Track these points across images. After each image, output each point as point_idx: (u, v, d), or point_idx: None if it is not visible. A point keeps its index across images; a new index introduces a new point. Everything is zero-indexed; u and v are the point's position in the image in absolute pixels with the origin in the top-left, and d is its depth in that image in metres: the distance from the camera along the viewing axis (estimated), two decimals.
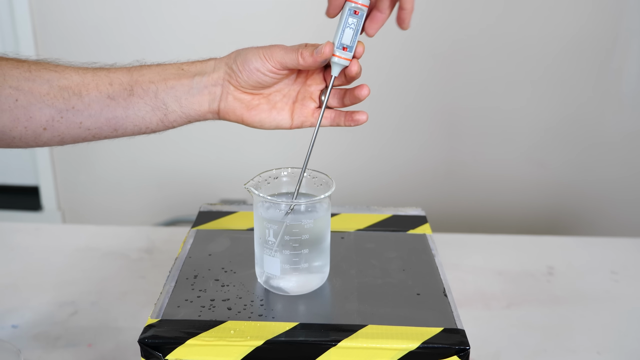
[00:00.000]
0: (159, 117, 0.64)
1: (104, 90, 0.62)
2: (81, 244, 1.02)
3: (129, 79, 0.63)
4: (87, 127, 0.62)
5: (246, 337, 0.53)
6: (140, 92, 0.63)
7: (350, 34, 0.60)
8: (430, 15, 1.78)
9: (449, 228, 1.61)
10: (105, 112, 0.62)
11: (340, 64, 0.61)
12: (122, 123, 0.63)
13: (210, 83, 0.63)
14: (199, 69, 0.64)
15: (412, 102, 1.90)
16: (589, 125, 1.92)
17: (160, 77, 0.63)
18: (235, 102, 0.64)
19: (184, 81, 0.63)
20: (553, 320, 0.85)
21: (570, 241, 1.09)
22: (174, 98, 0.63)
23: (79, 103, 0.61)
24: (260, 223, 0.59)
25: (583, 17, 1.80)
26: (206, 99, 0.64)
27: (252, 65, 0.62)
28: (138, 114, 0.63)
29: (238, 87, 0.63)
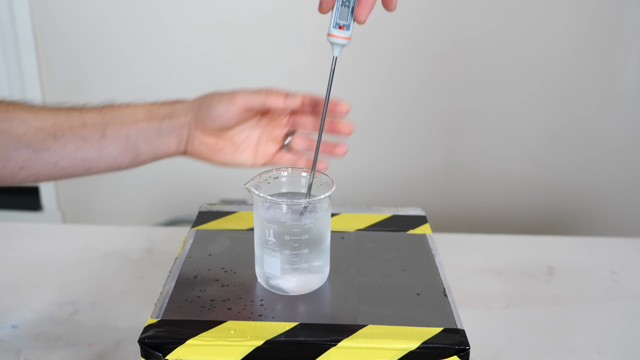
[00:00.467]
0: (130, 157, 0.67)
1: (77, 132, 0.64)
2: (81, 244, 1.02)
3: (101, 120, 0.65)
4: (62, 167, 0.65)
5: (246, 337, 0.53)
6: (113, 134, 0.65)
7: (346, 12, 0.59)
8: (430, 16, 1.78)
9: (449, 228, 1.61)
10: (79, 153, 0.65)
11: (339, 44, 0.60)
12: (95, 163, 0.66)
13: (178, 126, 0.66)
14: (168, 112, 0.66)
15: (412, 103, 1.90)
16: (589, 126, 1.92)
17: (131, 119, 0.66)
18: (201, 146, 0.67)
19: (153, 124, 0.66)
20: (553, 320, 0.85)
21: (570, 241, 1.09)
22: (145, 140, 0.66)
23: (54, 144, 0.64)
24: (260, 223, 0.59)
25: (583, 17, 1.80)
26: (174, 141, 0.67)
27: (216, 112, 0.64)
28: (111, 155, 0.66)
29: (204, 131, 0.66)
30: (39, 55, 1.91)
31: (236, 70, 1.88)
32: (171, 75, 1.90)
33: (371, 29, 1.94)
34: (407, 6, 1.89)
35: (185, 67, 1.90)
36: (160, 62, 1.90)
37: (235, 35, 1.85)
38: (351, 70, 1.80)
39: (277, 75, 1.88)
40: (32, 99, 2.14)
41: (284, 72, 1.88)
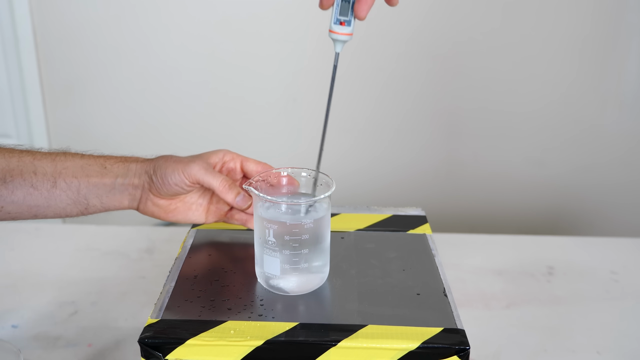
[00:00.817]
0: (79, 209, 0.66)
1: (27, 179, 0.64)
2: (81, 244, 1.02)
3: (53, 169, 0.65)
4: (8, 211, 0.65)
5: (246, 337, 0.53)
6: (63, 186, 0.65)
7: (347, 8, 0.58)
8: (431, 17, 1.78)
9: (449, 228, 1.61)
10: (27, 200, 0.64)
11: (341, 40, 0.59)
12: (43, 211, 0.65)
13: (131, 186, 0.66)
14: (122, 170, 0.66)
15: (412, 103, 1.90)
16: (589, 126, 1.92)
17: (83, 173, 0.65)
18: (154, 207, 0.67)
19: (106, 180, 0.65)
20: (553, 320, 0.85)
21: (570, 241, 1.09)
22: (96, 195, 0.65)
23: (3, 189, 0.63)
24: (260, 223, 0.59)
25: (583, 17, 1.80)
26: (127, 199, 0.66)
27: (170, 180, 0.64)
28: (59, 205, 0.65)
29: (157, 195, 0.65)
30: (39, 55, 1.91)
31: (236, 70, 1.88)
32: (171, 76, 1.91)
33: (372, 29, 1.94)
34: (408, 7, 1.90)
35: (185, 67, 1.90)
36: (160, 62, 1.90)
37: (235, 35, 1.85)
38: (352, 70, 1.80)
39: (278, 75, 1.88)
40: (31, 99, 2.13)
41: (284, 73, 1.88)
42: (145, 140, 2.01)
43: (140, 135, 2.01)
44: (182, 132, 1.98)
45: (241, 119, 1.94)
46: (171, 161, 0.65)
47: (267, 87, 1.89)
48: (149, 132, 2.00)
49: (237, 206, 0.64)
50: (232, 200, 0.64)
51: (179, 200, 0.67)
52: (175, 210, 0.68)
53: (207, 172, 0.64)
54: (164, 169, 0.64)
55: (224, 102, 1.90)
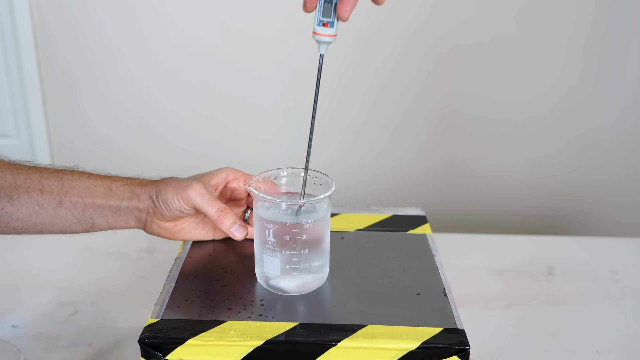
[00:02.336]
0: (85, 227, 0.67)
1: (34, 196, 0.64)
2: (81, 244, 1.02)
3: (59, 188, 0.65)
4: (14, 227, 0.65)
5: (246, 337, 0.53)
6: (69, 205, 0.65)
7: (330, 9, 0.57)
8: (431, 17, 1.78)
9: (449, 228, 1.61)
10: (33, 218, 0.64)
11: (325, 42, 0.59)
12: (48, 228, 0.66)
13: (136, 209, 0.66)
14: (127, 194, 0.66)
15: (412, 103, 1.90)
16: (589, 126, 1.92)
17: (89, 194, 0.65)
18: (160, 230, 0.67)
19: (111, 202, 0.65)
20: (553, 320, 0.85)
21: (570, 241, 1.09)
22: (101, 216, 0.66)
23: (9, 205, 0.63)
24: (260, 223, 0.59)
25: (583, 18, 1.80)
26: (132, 220, 0.67)
27: (171, 206, 0.64)
28: (65, 223, 0.66)
29: (161, 219, 0.65)
30: (39, 55, 1.91)
31: (236, 71, 1.88)
32: (171, 76, 1.90)
33: (372, 30, 1.94)
34: (408, 7, 1.90)
35: (184, 67, 1.90)
36: (160, 62, 1.90)
37: (235, 35, 1.85)
38: (352, 70, 1.80)
39: (277, 76, 1.88)
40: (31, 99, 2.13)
41: (284, 73, 1.88)
42: (144, 140, 2.01)
43: (140, 135, 2.01)
44: (181, 133, 1.98)
45: (241, 120, 1.94)
46: (171, 186, 0.64)
47: (267, 88, 1.89)
48: (149, 132, 2.00)
49: (232, 236, 0.64)
50: (226, 230, 0.63)
51: (184, 221, 0.67)
52: (181, 231, 0.68)
53: (203, 198, 0.63)
54: (164, 195, 0.64)
55: (224, 102, 1.90)
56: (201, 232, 0.68)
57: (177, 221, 0.67)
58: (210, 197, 0.63)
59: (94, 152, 2.04)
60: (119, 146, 2.03)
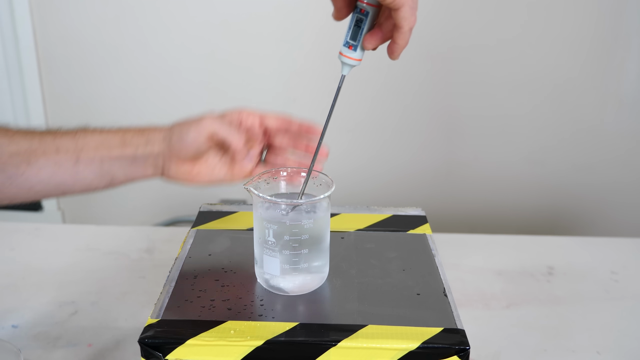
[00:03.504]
0: (105, 182, 0.67)
1: (51, 157, 0.65)
2: (81, 244, 1.02)
3: (74, 146, 0.65)
4: (37, 190, 0.65)
5: (246, 337, 0.53)
6: (86, 161, 0.65)
7: (357, 32, 0.59)
8: (431, 17, 1.78)
9: (449, 228, 1.61)
10: (53, 178, 0.65)
11: (348, 64, 0.61)
12: (70, 188, 0.66)
13: (152, 155, 0.66)
14: (142, 141, 0.66)
15: (412, 102, 1.90)
16: (589, 126, 1.92)
17: (105, 147, 0.66)
18: (177, 174, 0.67)
19: (127, 152, 0.66)
20: (553, 320, 0.85)
21: (570, 241, 1.09)
22: (119, 168, 0.66)
23: (29, 170, 0.64)
24: (260, 223, 0.59)
25: (583, 18, 1.80)
26: (150, 169, 0.67)
27: (187, 140, 0.64)
28: (85, 180, 0.66)
29: (178, 159, 0.65)
30: (39, 56, 1.91)
31: (236, 70, 1.88)
32: (171, 75, 1.90)
33: None
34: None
35: (184, 67, 1.89)
36: (161, 62, 1.90)
37: (235, 35, 1.85)
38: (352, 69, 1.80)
39: (277, 75, 1.88)
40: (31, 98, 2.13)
41: (283, 73, 1.88)
42: None
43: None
44: None
45: None
46: (185, 122, 0.65)
47: (267, 87, 1.89)
48: None
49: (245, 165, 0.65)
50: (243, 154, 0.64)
51: (201, 162, 0.67)
52: (199, 174, 0.67)
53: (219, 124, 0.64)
54: (179, 131, 0.65)
55: (224, 101, 1.90)
56: (219, 173, 0.68)
57: (194, 163, 0.67)
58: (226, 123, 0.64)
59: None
60: None
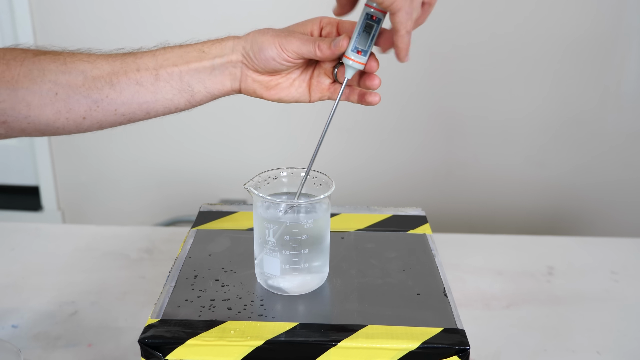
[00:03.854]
0: (186, 98, 0.66)
1: (132, 77, 0.65)
2: (81, 244, 1.02)
3: (155, 63, 0.66)
4: (122, 113, 0.66)
5: (246, 337, 0.53)
6: (166, 76, 0.66)
7: (366, 39, 0.61)
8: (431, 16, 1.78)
9: (449, 228, 1.61)
10: (136, 98, 0.65)
11: (353, 67, 0.62)
12: (152, 106, 0.66)
13: (230, 65, 0.65)
14: (219, 50, 0.66)
15: (411, 102, 1.90)
16: (589, 126, 1.92)
17: (183, 60, 0.66)
18: (254, 84, 0.66)
19: (205, 63, 0.65)
20: (553, 320, 0.85)
21: (570, 241, 1.09)
22: (198, 80, 0.66)
23: (112, 92, 0.65)
24: (260, 223, 0.59)
25: (583, 17, 1.80)
26: (228, 79, 0.66)
27: (267, 54, 0.63)
28: (166, 97, 0.66)
29: (255, 70, 0.65)
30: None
31: None
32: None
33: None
34: None
35: None
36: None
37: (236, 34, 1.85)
38: None
39: None
40: None
41: None
42: (144, 140, 2.01)
43: (141, 134, 2.01)
44: (182, 129, 1.98)
45: (240, 118, 1.94)
46: (268, 35, 0.64)
47: None
48: (150, 131, 2.00)
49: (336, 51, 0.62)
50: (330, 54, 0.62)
51: (280, 76, 0.67)
52: (277, 87, 0.67)
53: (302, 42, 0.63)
54: (260, 43, 0.64)
55: (224, 101, 1.90)
56: (297, 90, 0.68)
57: (272, 75, 0.66)
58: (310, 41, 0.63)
59: (94, 152, 2.04)
60: (118, 146, 2.03)
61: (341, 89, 0.64)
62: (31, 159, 2.16)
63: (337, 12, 0.63)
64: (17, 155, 2.20)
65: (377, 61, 0.64)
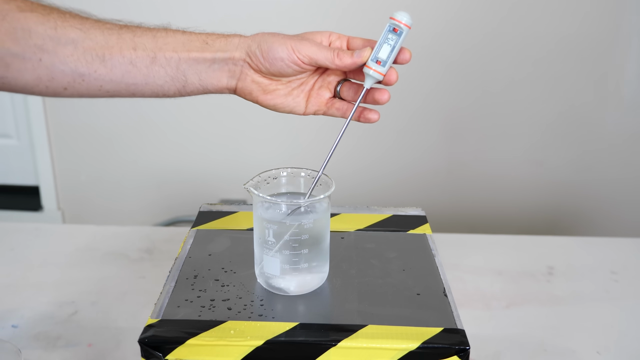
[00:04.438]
0: (177, 87, 0.64)
1: (127, 55, 0.61)
2: (81, 244, 1.02)
3: (153, 45, 0.62)
4: (107, 90, 0.62)
5: (246, 337, 0.53)
6: (163, 61, 0.62)
7: (387, 50, 0.61)
8: (431, 18, 1.78)
9: (449, 228, 1.61)
10: (126, 78, 0.62)
11: (374, 77, 0.62)
12: (140, 89, 0.63)
13: (232, 61, 0.63)
14: (223, 45, 0.63)
15: (411, 103, 1.90)
16: (589, 126, 1.92)
17: (184, 48, 0.63)
18: (253, 85, 0.64)
19: (206, 55, 0.63)
20: (553, 320, 0.85)
21: (570, 241, 1.09)
22: (195, 71, 0.63)
23: (102, 67, 0.61)
24: (259, 223, 0.59)
25: (583, 17, 1.80)
26: (225, 75, 0.64)
27: (276, 55, 0.61)
28: (158, 82, 0.63)
29: (257, 71, 0.63)
30: None
31: None
32: None
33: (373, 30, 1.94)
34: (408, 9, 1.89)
35: None
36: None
37: None
38: None
39: None
40: (31, 99, 2.12)
41: None
42: (144, 140, 2.01)
43: (141, 134, 2.01)
44: (182, 132, 1.98)
45: (240, 119, 1.94)
46: (279, 36, 0.62)
47: None
48: (150, 131, 2.00)
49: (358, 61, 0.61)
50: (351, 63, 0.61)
51: (280, 82, 0.64)
52: (274, 92, 0.65)
53: (319, 49, 0.61)
54: (269, 43, 0.61)
55: (224, 101, 1.90)
56: (295, 99, 0.65)
57: (272, 80, 0.64)
58: (323, 48, 0.62)
59: (94, 152, 2.04)
60: (119, 146, 2.03)
61: (360, 96, 0.63)
62: (31, 159, 2.16)
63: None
64: (17, 155, 2.20)
65: (396, 73, 0.63)
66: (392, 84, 0.64)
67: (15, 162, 2.22)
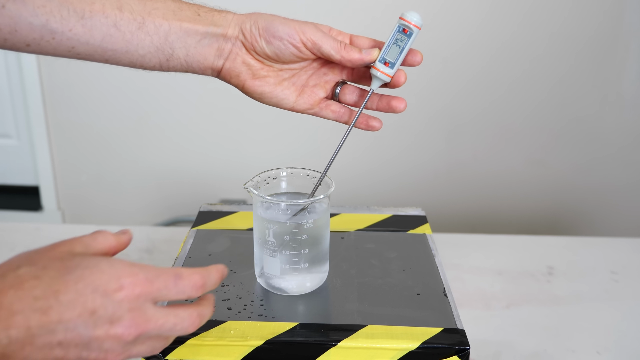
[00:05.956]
0: (159, 59, 0.57)
1: (110, 16, 0.53)
2: None
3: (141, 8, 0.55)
4: (78, 52, 0.54)
5: (246, 337, 0.53)
6: (151, 28, 0.55)
7: (396, 51, 0.59)
8: (431, 18, 1.78)
9: (449, 228, 1.61)
10: (105, 43, 0.54)
11: (381, 79, 0.59)
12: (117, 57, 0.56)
13: (223, 37, 0.57)
14: (216, 19, 0.57)
15: (412, 103, 1.89)
16: (589, 126, 1.92)
17: (175, 17, 0.56)
18: (242, 66, 0.58)
19: (199, 27, 0.56)
20: (553, 320, 0.85)
21: (570, 241, 1.09)
22: (183, 44, 0.56)
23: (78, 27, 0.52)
24: (259, 223, 0.59)
25: (584, 18, 1.80)
26: (213, 53, 0.58)
27: (276, 33, 0.56)
28: (139, 51, 0.56)
29: (251, 50, 0.58)
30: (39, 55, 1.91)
31: None
32: (171, 75, 1.90)
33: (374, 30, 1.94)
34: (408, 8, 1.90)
35: None
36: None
37: None
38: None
39: None
40: (31, 99, 2.12)
41: None
42: (144, 140, 2.01)
43: (140, 135, 2.01)
44: (181, 133, 1.98)
45: (241, 119, 1.94)
46: (281, 17, 0.57)
47: None
48: (149, 133, 2.00)
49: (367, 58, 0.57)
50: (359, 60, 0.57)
51: (272, 68, 0.59)
52: (264, 79, 0.59)
53: (326, 34, 0.57)
54: (269, 21, 0.56)
55: (224, 102, 1.91)
56: (285, 91, 0.60)
57: (265, 63, 0.58)
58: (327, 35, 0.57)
59: (94, 151, 2.04)
60: (118, 146, 2.03)
61: (367, 97, 0.61)
62: (31, 159, 2.16)
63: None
64: (17, 155, 2.20)
65: (404, 74, 0.60)
66: (400, 86, 0.61)
67: (15, 162, 2.22)
